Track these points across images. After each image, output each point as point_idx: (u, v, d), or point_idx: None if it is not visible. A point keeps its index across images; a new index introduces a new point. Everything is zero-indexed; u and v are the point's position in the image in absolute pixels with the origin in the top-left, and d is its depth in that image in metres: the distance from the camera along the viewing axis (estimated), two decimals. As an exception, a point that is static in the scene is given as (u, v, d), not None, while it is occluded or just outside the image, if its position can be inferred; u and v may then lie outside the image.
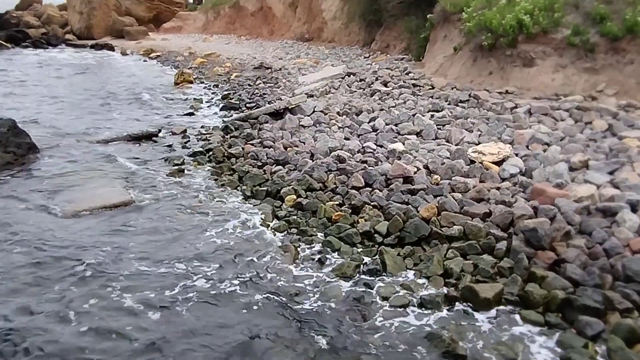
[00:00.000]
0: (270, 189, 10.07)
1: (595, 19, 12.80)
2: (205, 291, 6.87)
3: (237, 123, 14.61)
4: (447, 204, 8.33)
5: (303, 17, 39.15)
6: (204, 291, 6.87)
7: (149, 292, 6.79)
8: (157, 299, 6.67)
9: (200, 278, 7.17)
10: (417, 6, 21.62)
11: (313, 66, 24.30)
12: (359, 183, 9.53)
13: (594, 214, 7.57)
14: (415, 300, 6.63)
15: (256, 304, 6.61)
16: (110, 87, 23.31)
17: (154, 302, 6.60)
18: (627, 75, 12.02)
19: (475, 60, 15.02)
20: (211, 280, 7.13)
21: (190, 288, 6.92)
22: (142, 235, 8.45)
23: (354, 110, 13.97)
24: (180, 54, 35.32)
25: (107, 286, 6.90)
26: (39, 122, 15.73)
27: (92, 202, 9.66)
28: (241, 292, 6.86)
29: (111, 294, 6.75)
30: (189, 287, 6.93)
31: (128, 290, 6.82)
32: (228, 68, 26.92)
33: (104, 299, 6.63)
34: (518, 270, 6.82)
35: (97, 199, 9.78)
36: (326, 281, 7.14)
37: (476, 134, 11.04)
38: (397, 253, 7.62)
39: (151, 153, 12.90)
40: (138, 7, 52.57)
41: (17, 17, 46.88)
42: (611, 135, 10.18)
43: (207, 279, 7.16)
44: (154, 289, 6.87)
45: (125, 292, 6.79)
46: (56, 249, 7.88)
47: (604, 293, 6.16)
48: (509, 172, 9.19)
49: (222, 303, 6.64)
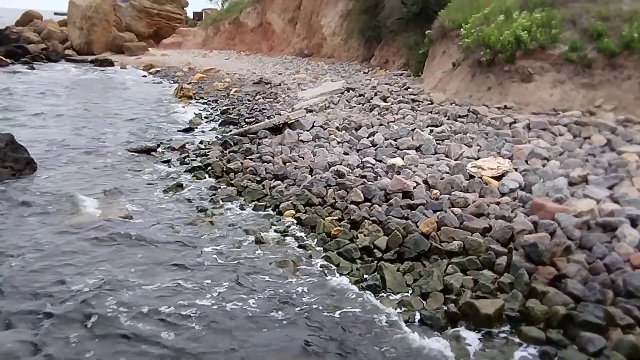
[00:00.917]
0: (269, 203, 10.06)
1: (593, 35, 12.88)
2: (202, 307, 6.81)
3: (236, 138, 14.61)
4: (447, 219, 8.31)
5: (302, 32, 39.37)
6: (201, 307, 6.81)
7: (145, 307, 6.73)
8: (153, 313, 6.62)
9: (197, 293, 7.11)
10: (416, 22, 21.75)
11: (312, 81, 24.39)
12: (358, 198, 9.51)
13: (594, 228, 7.55)
14: (416, 317, 6.59)
15: (253, 319, 6.56)
16: (109, 102, 23.33)
17: (150, 317, 6.55)
18: (625, 90, 12.07)
19: (473, 76, 15.07)
20: (208, 295, 7.07)
21: (187, 304, 6.86)
22: (139, 250, 8.38)
23: (353, 125, 13.99)
24: (179, 69, 35.42)
25: (105, 301, 6.84)
26: (37, 137, 15.68)
27: (91, 216, 9.63)
28: (239, 308, 6.80)
29: (107, 309, 6.68)
30: (186, 303, 6.87)
31: (124, 305, 6.75)
32: (227, 83, 26.99)
33: (100, 314, 6.57)
34: (519, 286, 6.77)
35: (95, 214, 9.75)
36: (325, 296, 7.10)
37: (475, 149, 11.04)
38: (397, 268, 7.58)
39: (150, 168, 12.87)
40: (138, 22, 52.85)
41: (17, 32, 46.96)
42: (610, 150, 10.19)
43: (205, 294, 7.10)
44: (151, 304, 6.81)
45: (121, 306, 6.73)
46: (53, 263, 7.83)
47: (605, 309, 6.12)
48: (509, 187, 9.18)
49: (219, 319, 6.58)
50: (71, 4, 47.48)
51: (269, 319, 6.59)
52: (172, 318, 6.57)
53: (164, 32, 54.92)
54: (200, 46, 51.52)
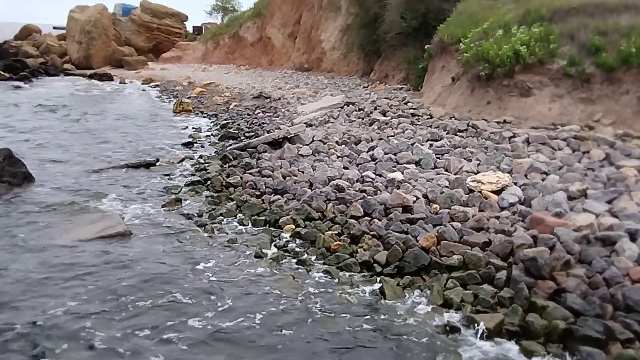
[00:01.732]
0: (269, 218, 10.05)
1: (591, 50, 12.95)
2: (201, 322, 6.80)
3: (235, 152, 14.61)
4: (447, 233, 8.31)
5: (302, 47, 39.53)
6: (200, 322, 6.80)
7: (141, 323, 6.72)
8: (148, 329, 6.61)
9: (195, 310, 7.09)
10: (415, 37, 21.83)
11: (312, 96, 24.46)
12: (358, 212, 9.51)
13: (593, 243, 7.55)
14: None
15: (254, 335, 6.55)
16: (108, 117, 23.42)
17: (145, 333, 6.53)
18: (623, 105, 12.12)
19: (473, 90, 15.13)
20: (207, 312, 7.04)
21: (184, 320, 6.83)
22: (137, 266, 8.34)
23: (353, 139, 14.01)
24: (179, 83, 35.53)
25: (100, 317, 6.83)
26: (35, 151, 15.72)
27: (89, 231, 9.61)
28: (238, 324, 6.79)
29: (102, 324, 6.67)
30: (183, 319, 6.85)
31: (120, 323, 6.73)
32: (227, 97, 27.07)
33: (95, 329, 6.56)
34: (518, 300, 6.77)
35: (93, 229, 9.71)
36: (326, 310, 7.09)
37: (475, 163, 11.06)
38: (397, 283, 7.59)
39: (149, 182, 12.87)
40: (138, 37, 53.11)
41: (16, 46, 47.15)
42: (609, 164, 10.22)
43: (203, 311, 7.07)
44: (147, 320, 6.79)
45: (118, 322, 6.72)
46: (50, 276, 7.84)
47: (605, 323, 6.12)
48: (508, 201, 9.18)
49: (218, 336, 6.56)
50: (70, 18, 47.82)
51: (270, 335, 6.57)
52: (168, 334, 6.54)
53: (163, 47, 55.16)
54: (199, 60, 51.72)
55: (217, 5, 66.18)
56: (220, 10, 66.35)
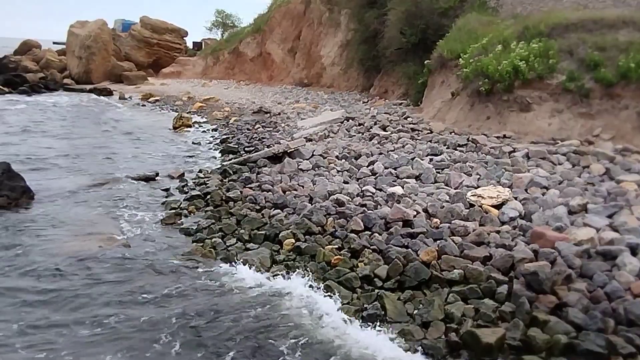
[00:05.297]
0: (269, 232, 9.99)
1: (590, 65, 13.01)
2: (201, 336, 6.79)
3: (235, 167, 14.63)
4: (447, 248, 8.30)
5: (302, 62, 39.67)
6: (199, 336, 6.79)
7: (134, 338, 6.71)
8: (142, 342, 6.62)
9: (193, 325, 7.07)
10: (415, 52, 21.92)
11: (312, 111, 24.54)
12: (358, 227, 9.50)
13: (594, 257, 7.55)
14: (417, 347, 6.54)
15: (252, 351, 6.52)
16: (107, 131, 23.45)
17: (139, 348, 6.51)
18: (623, 120, 12.16)
19: (472, 105, 15.18)
20: (205, 329, 7.00)
21: (181, 335, 6.82)
22: (134, 280, 8.33)
23: (353, 154, 14.02)
24: (179, 98, 35.62)
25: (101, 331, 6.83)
26: (35, 165, 15.72)
27: (87, 245, 9.59)
28: (237, 340, 6.76)
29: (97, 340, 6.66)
30: (181, 334, 6.84)
31: (116, 336, 6.74)
32: (227, 112, 27.14)
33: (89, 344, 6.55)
34: (520, 315, 6.75)
35: (91, 242, 9.70)
36: (327, 327, 7.05)
37: (475, 178, 11.07)
38: (397, 297, 7.55)
39: (148, 197, 12.86)
40: (137, 52, 53.23)
41: (16, 61, 47.25)
42: (609, 178, 10.24)
43: (203, 326, 7.06)
44: (140, 336, 6.78)
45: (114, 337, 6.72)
46: (47, 289, 7.84)
47: (607, 337, 6.11)
48: (509, 216, 9.18)
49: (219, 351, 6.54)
50: (70, 33, 47.98)
51: (270, 351, 6.54)
52: (162, 348, 6.52)
53: (163, 62, 55.26)
54: (199, 76, 51.83)
55: (217, 21, 66.43)
56: (220, 26, 66.58)
